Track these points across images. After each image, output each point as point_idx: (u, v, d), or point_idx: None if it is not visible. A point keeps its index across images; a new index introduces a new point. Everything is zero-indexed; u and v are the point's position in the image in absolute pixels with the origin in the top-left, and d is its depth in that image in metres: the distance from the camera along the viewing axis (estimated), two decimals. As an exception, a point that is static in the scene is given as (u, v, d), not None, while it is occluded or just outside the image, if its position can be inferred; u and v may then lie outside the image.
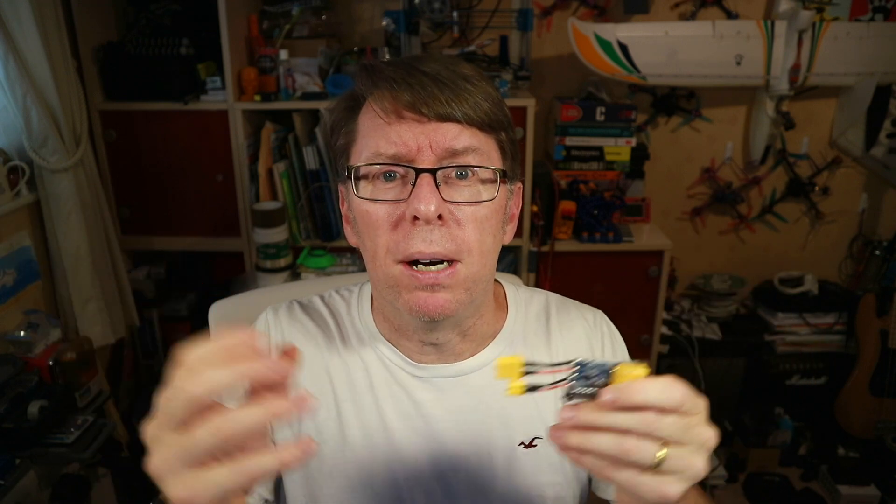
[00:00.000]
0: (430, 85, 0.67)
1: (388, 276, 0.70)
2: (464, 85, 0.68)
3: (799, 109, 2.36)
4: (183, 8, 2.03)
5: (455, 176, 0.69)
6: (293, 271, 1.95)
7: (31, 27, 1.56)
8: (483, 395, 0.80)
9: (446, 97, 0.67)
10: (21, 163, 1.69)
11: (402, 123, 0.68)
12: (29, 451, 1.42)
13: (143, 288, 2.10)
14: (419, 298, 0.69)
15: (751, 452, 2.37)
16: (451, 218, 0.68)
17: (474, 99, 0.68)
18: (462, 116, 0.67)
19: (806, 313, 2.38)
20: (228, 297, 1.10)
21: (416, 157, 0.67)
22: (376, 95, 0.70)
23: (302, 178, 2.00)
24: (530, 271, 2.09)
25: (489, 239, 0.71)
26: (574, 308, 0.90)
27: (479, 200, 0.69)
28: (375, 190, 0.70)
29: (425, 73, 0.68)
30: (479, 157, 0.69)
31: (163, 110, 1.95)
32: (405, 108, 0.67)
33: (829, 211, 2.52)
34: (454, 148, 0.68)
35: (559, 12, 2.28)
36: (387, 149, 0.68)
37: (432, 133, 0.67)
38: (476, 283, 0.71)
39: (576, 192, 2.11)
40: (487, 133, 0.70)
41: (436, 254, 0.67)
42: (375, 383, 0.80)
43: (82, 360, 1.64)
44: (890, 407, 2.26)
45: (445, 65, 0.70)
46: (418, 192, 0.66)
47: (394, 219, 0.68)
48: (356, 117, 0.73)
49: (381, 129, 0.68)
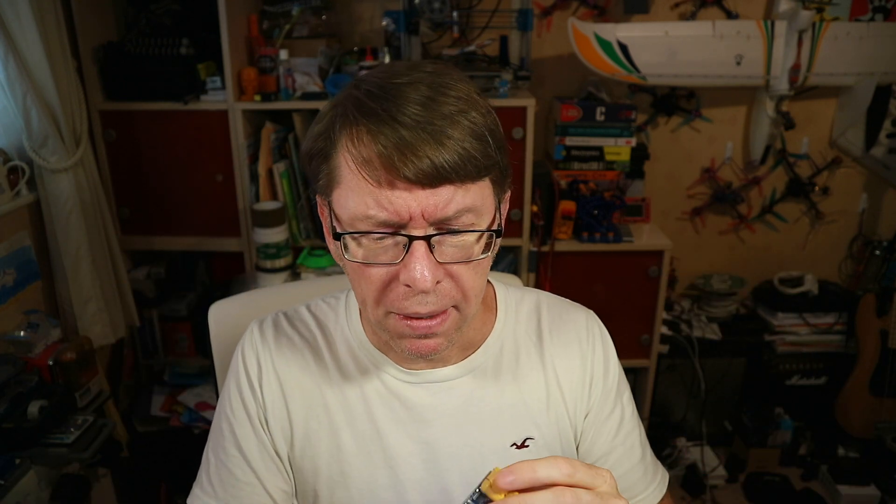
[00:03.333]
0: (416, 144, 0.61)
1: (380, 321, 0.70)
2: (449, 131, 0.62)
3: (799, 109, 2.36)
4: (183, 8, 2.03)
5: (449, 236, 0.66)
6: (293, 271, 1.95)
7: (31, 27, 1.55)
8: (473, 397, 0.80)
9: (434, 154, 0.61)
10: (21, 163, 1.69)
11: (392, 190, 0.62)
12: (29, 451, 1.42)
13: (143, 288, 2.10)
14: (412, 344, 0.70)
15: (751, 452, 2.37)
16: (446, 276, 0.67)
17: (462, 145, 0.62)
18: (453, 175, 0.62)
19: (806, 313, 2.38)
20: (228, 297, 1.10)
21: (407, 224, 0.63)
22: (362, 153, 0.63)
23: (302, 178, 2.00)
24: (530, 271, 2.09)
25: (481, 280, 0.71)
26: (566, 309, 0.88)
27: (472, 259, 0.67)
28: (367, 253, 0.67)
29: (408, 127, 0.61)
30: (474, 215, 0.66)
31: (163, 110, 1.95)
32: (395, 178, 0.62)
33: (829, 211, 2.52)
34: (447, 216, 0.64)
35: (559, 12, 2.28)
36: (377, 213, 0.63)
37: (424, 200, 0.62)
38: (468, 318, 0.72)
39: (576, 192, 2.11)
40: (481, 178, 0.66)
41: (432, 312, 0.67)
42: (367, 391, 0.80)
43: (82, 360, 1.64)
44: (890, 407, 2.26)
45: (426, 104, 0.63)
46: (412, 262, 0.63)
47: (387, 278, 0.67)
48: (337, 157, 0.66)
49: (369, 191, 0.63)
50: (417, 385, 0.80)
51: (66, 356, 1.60)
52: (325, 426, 0.80)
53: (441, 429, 0.80)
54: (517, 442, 0.81)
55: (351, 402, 0.80)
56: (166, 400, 2.12)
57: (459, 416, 0.80)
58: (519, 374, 0.82)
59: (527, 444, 0.81)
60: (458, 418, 0.80)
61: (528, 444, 0.81)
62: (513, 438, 0.81)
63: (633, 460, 0.87)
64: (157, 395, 2.13)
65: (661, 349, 2.26)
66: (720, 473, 2.34)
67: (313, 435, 0.80)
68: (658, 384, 2.34)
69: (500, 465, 0.78)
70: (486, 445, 0.80)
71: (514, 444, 0.80)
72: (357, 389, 0.80)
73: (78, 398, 1.61)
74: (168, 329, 2.14)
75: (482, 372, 0.81)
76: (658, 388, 2.34)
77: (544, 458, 0.52)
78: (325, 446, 0.80)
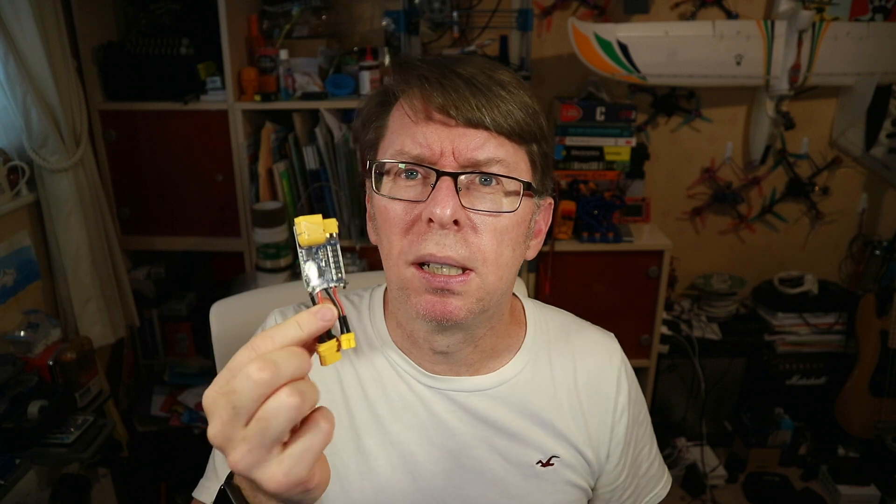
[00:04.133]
0: (462, 88, 0.65)
1: (400, 278, 0.69)
2: (498, 91, 0.66)
3: (799, 109, 2.36)
4: (183, 8, 2.03)
5: (479, 182, 0.67)
6: (293, 271, 1.95)
7: (31, 27, 1.55)
8: (501, 411, 0.78)
9: (477, 102, 0.65)
10: (21, 163, 1.68)
11: (429, 125, 0.66)
12: (29, 451, 1.42)
13: (143, 288, 2.10)
14: (428, 301, 0.67)
15: (751, 452, 2.37)
16: (467, 224, 0.66)
17: (507, 107, 0.66)
18: (491, 123, 0.65)
19: (806, 313, 2.38)
20: (228, 297, 1.10)
21: (438, 161, 0.66)
22: (408, 93, 0.68)
23: (302, 178, 2.00)
24: (530, 271, 2.08)
25: (507, 251, 0.69)
26: (591, 330, 0.88)
27: (499, 211, 0.67)
28: (395, 187, 0.68)
29: (459, 76, 0.66)
30: (505, 168, 0.67)
31: (163, 110, 1.95)
32: (435, 110, 0.65)
33: (829, 211, 2.52)
34: (476, 158, 0.65)
35: (559, 12, 2.28)
36: (411, 148, 0.66)
37: (458, 138, 0.65)
38: (490, 294, 0.69)
39: (576, 192, 2.11)
40: (517, 143, 0.68)
41: (447, 258, 0.65)
42: (390, 393, 0.78)
43: (82, 360, 1.64)
44: (890, 407, 2.26)
45: (482, 69, 0.68)
46: (436, 195, 0.64)
47: (410, 219, 0.67)
48: (387, 113, 0.71)
49: (409, 128, 0.67)
50: (443, 392, 0.78)
51: (66, 356, 1.60)
52: (345, 423, 0.78)
53: (465, 438, 0.77)
54: (543, 460, 0.79)
55: (374, 403, 0.78)
56: (166, 400, 2.12)
57: (485, 428, 0.78)
58: (547, 392, 0.80)
59: (552, 463, 0.79)
60: (483, 430, 0.78)
61: (552, 462, 0.79)
62: (539, 455, 0.79)
63: (651, 472, 0.90)
64: (157, 395, 2.13)
65: (661, 349, 2.26)
66: (720, 473, 2.34)
67: (335, 433, 0.78)
68: (658, 384, 2.34)
69: (523, 483, 0.78)
70: (511, 460, 0.78)
71: (540, 462, 0.79)
72: (380, 391, 0.78)
73: (78, 398, 1.61)
74: (168, 329, 2.14)
75: (510, 386, 0.79)
76: (658, 388, 2.34)
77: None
78: (344, 445, 0.77)
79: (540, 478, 0.79)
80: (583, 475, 0.82)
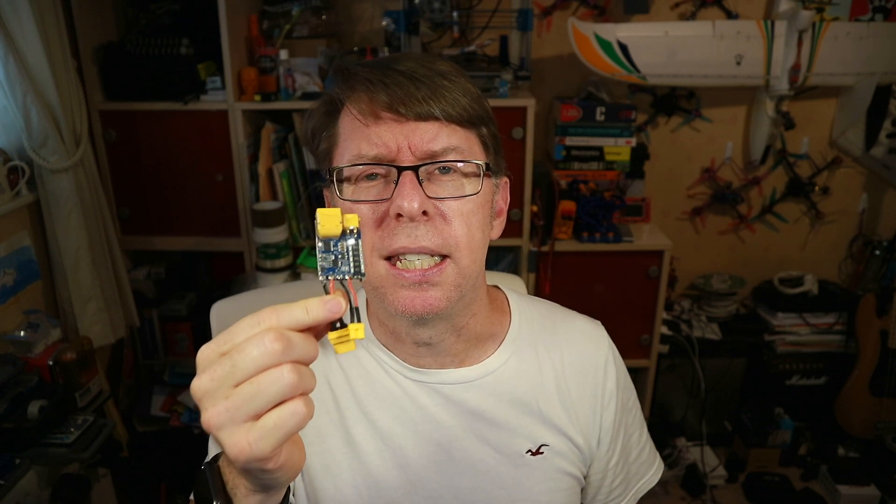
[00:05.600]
0: (406, 84, 0.67)
1: (374, 276, 0.69)
2: (441, 81, 0.68)
3: (799, 109, 2.36)
4: (183, 8, 2.03)
5: (438, 171, 0.69)
6: (293, 271, 1.95)
7: (31, 27, 1.55)
8: (489, 402, 0.79)
9: (423, 95, 0.67)
10: (21, 163, 1.68)
11: (380, 124, 0.67)
12: (29, 451, 1.42)
13: (143, 288, 2.10)
14: (406, 298, 0.68)
15: (751, 452, 2.37)
16: (436, 213, 0.68)
17: (452, 95, 0.68)
18: (441, 114, 0.67)
19: (806, 313, 2.38)
20: (228, 297, 1.10)
21: (396, 157, 0.67)
22: (353, 98, 0.69)
23: (302, 178, 2.00)
24: (530, 271, 2.08)
25: (477, 233, 0.71)
26: (577, 319, 0.89)
27: (463, 195, 0.69)
28: (358, 190, 0.69)
29: (401, 73, 0.67)
30: (460, 154, 0.69)
31: (163, 110, 1.95)
32: (383, 109, 0.67)
33: (829, 211, 2.52)
34: (433, 150, 0.67)
35: (559, 12, 2.28)
36: (368, 150, 0.67)
37: (412, 133, 0.67)
38: (466, 278, 0.71)
39: (576, 192, 2.11)
40: (467, 129, 0.70)
41: (422, 248, 0.67)
42: (377, 389, 0.79)
43: (82, 360, 1.64)
44: (890, 407, 2.26)
45: (421, 62, 0.69)
46: (401, 189, 0.65)
47: (378, 216, 0.68)
48: (336, 121, 0.72)
49: (361, 131, 0.68)
50: (430, 385, 0.78)
51: (66, 356, 1.60)
52: (335, 420, 0.79)
53: (454, 431, 0.78)
54: (532, 448, 0.79)
55: (362, 400, 0.79)
56: (166, 400, 2.12)
57: (474, 420, 0.78)
58: (534, 380, 0.81)
59: (542, 451, 0.80)
60: (472, 421, 0.78)
61: (542, 450, 0.80)
62: (528, 444, 0.79)
63: (642, 457, 0.90)
64: (157, 395, 2.13)
65: (661, 349, 2.26)
66: (720, 473, 2.34)
67: (323, 429, 0.79)
68: (658, 384, 2.34)
69: (514, 472, 0.78)
70: (501, 450, 0.79)
71: (530, 451, 0.79)
72: (368, 388, 0.79)
73: (78, 398, 1.61)
74: (168, 329, 2.14)
75: (497, 376, 0.80)
76: (658, 388, 2.34)
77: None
78: (335, 443, 0.78)
79: (531, 466, 0.79)
80: (574, 463, 0.82)
